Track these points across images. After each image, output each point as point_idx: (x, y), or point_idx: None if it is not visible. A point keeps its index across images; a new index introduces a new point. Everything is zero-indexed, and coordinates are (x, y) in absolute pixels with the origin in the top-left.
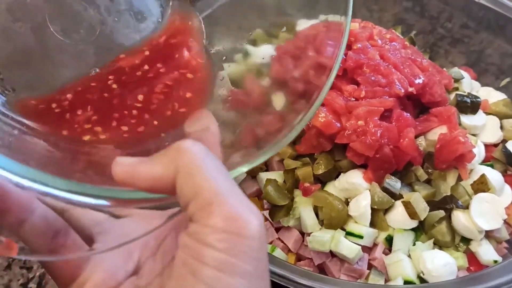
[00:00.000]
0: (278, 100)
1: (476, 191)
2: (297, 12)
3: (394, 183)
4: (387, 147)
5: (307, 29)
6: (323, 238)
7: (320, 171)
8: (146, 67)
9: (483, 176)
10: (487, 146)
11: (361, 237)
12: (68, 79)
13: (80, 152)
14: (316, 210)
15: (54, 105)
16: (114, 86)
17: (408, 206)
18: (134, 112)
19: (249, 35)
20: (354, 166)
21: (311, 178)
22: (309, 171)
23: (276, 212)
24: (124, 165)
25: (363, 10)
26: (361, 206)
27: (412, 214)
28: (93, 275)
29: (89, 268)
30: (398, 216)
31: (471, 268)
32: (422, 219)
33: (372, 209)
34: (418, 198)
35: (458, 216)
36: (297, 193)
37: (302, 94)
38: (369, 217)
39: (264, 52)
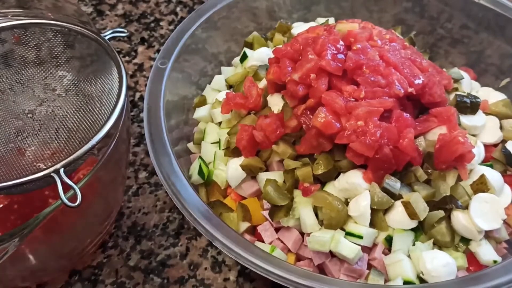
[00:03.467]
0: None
1: (475, 191)
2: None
3: (393, 183)
4: (386, 148)
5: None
6: (323, 238)
7: (320, 171)
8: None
9: (482, 176)
10: (486, 147)
11: (360, 237)
12: None
13: None
14: (315, 210)
15: None
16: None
17: (407, 206)
18: None
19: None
20: (353, 166)
21: (310, 178)
22: (309, 171)
23: (276, 212)
24: None
25: (363, 10)
26: (360, 206)
27: (411, 214)
28: None
29: None
30: (397, 216)
31: (470, 268)
32: (421, 219)
33: (371, 209)
34: (417, 199)
35: (458, 216)
36: (297, 193)
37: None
38: (369, 217)
39: (261, 54)
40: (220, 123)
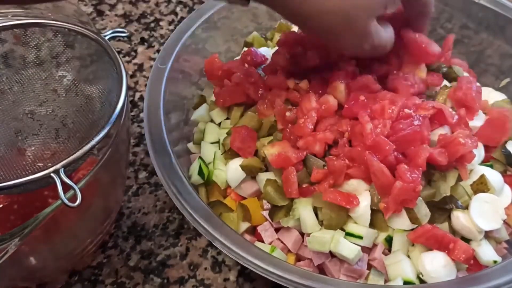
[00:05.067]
0: None
1: (475, 192)
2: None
3: None
4: (392, 157)
5: None
6: (322, 239)
7: None
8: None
9: (482, 176)
10: (486, 147)
11: (360, 237)
12: None
13: None
14: (315, 210)
15: None
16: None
17: (409, 211)
18: None
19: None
20: None
21: (309, 179)
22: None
23: (276, 212)
24: None
25: None
26: (360, 206)
27: (413, 219)
28: None
29: None
30: (397, 217)
31: (470, 268)
32: (423, 224)
33: (371, 209)
34: (420, 204)
35: (458, 217)
36: None
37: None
38: (369, 217)
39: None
40: (220, 123)
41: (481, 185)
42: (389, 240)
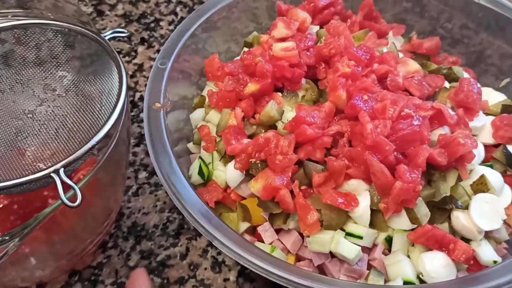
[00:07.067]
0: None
1: (475, 192)
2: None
3: None
4: (392, 157)
5: None
6: (323, 239)
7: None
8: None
9: (482, 176)
10: (486, 147)
11: (360, 237)
12: None
13: None
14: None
15: None
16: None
17: (409, 211)
18: None
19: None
20: None
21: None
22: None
23: (275, 219)
24: None
25: None
26: (360, 207)
27: (413, 219)
28: None
29: None
30: (397, 217)
31: (470, 268)
32: (423, 224)
33: (371, 210)
34: (419, 204)
35: (458, 217)
36: None
37: None
38: (369, 218)
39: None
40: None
41: (481, 185)
42: (389, 240)
